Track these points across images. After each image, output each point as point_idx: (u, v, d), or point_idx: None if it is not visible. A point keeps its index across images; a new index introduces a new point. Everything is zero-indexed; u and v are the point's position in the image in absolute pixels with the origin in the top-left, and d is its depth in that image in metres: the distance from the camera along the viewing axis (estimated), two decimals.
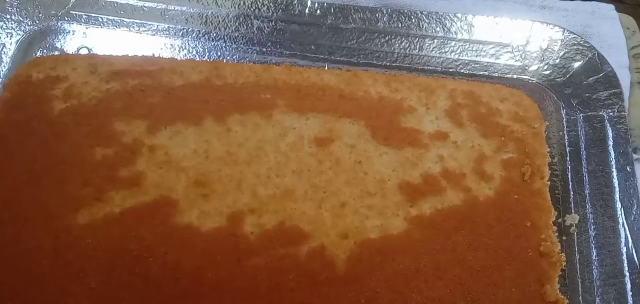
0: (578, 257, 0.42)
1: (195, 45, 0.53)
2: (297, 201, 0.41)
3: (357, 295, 0.38)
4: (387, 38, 0.52)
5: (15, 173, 0.42)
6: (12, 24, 0.53)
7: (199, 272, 0.39)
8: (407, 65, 0.51)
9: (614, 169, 0.45)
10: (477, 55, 0.51)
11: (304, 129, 0.45)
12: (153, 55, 0.51)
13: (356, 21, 0.53)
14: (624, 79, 0.49)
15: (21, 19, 0.53)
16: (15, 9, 0.53)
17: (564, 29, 0.51)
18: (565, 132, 0.47)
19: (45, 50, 0.52)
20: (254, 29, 0.53)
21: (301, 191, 0.42)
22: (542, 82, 0.50)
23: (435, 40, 0.52)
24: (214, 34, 0.53)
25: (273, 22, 0.53)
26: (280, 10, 0.53)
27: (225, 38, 0.53)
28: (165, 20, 0.53)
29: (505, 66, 0.51)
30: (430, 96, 0.47)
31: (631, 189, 0.43)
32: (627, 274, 0.40)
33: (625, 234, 0.42)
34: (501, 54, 0.51)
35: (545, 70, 0.51)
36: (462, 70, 0.51)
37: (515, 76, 0.51)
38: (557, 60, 0.51)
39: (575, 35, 0.51)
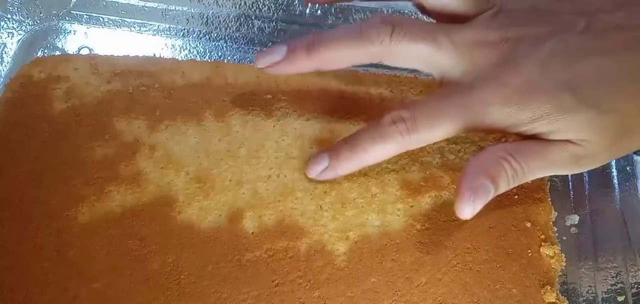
0: (578, 257, 0.42)
1: (196, 45, 0.53)
2: (298, 200, 0.42)
3: (357, 294, 0.38)
4: None
5: (16, 173, 0.43)
6: (13, 23, 0.53)
7: (199, 271, 0.39)
8: None
9: (614, 170, 0.45)
10: None
11: (305, 128, 0.45)
12: (154, 55, 0.51)
13: (357, 22, 0.53)
14: None
15: (22, 18, 0.53)
16: (16, 8, 0.53)
17: None
18: None
19: (46, 50, 0.52)
20: (255, 29, 0.53)
21: (301, 189, 0.42)
22: None
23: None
24: (215, 34, 0.53)
25: (274, 23, 0.53)
26: (281, 11, 0.54)
27: (226, 38, 0.53)
28: (166, 20, 0.53)
29: None
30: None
31: (631, 190, 0.44)
32: (628, 275, 0.40)
33: (626, 235, 0.42)
34: None
35: None
36: None
37: None
38: None
39: None
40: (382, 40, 0.37)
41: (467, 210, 0.35)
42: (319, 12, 0.53)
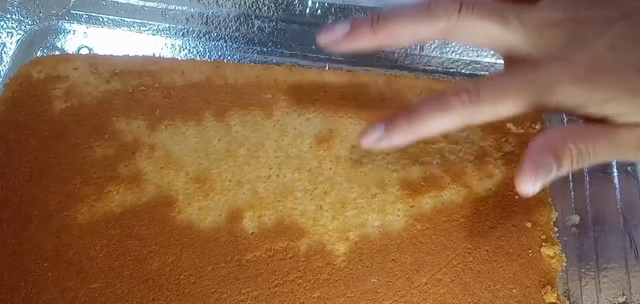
0: (579, 258, 0.42)
1: (196, 45, 0.53)
2: (297, 200, 0.42)
3: (357, 294, 0.38)
4: None
5: (15, 173, 0.43)
6: (12, 23, 0.53)
7: (199, 271, 0.39)
8: (408, 65, 0.51)
9: (614, 169, 0.45)
10: (478, 56, 0.51)
11: (305, 128, 0.45)
12: (154, 55, 0.51)
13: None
14: None
15: (22, 18, 0.53)
16: (15, 8, 0.53)
17: None
18: None
19: (45, 50, 0.52)
20: (255, 28, 0.53)
21: (301, 189, 0.42)
22: None
23: (436, 41, 0.52)
24: (215, 34, 0.53)
25: (274, 22, 0.53)
26: (281, 10, 0.53)
27: (226, 38, 0.53)
28: (165, 20, 0.53)
29: None
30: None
31: (632, 190, 0.43)
32: (629, 275, 0.40)
33: (627, 235, 0.42)
34: None
35: None
36: (463, 71, 0.51)
37: None
38: None
39: None
40: (450, 17, 0.36)
41: (527, 185, 0.34)
42: (319, 11, 0.53)
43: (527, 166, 0.34)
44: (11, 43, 0.52)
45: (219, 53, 0.52)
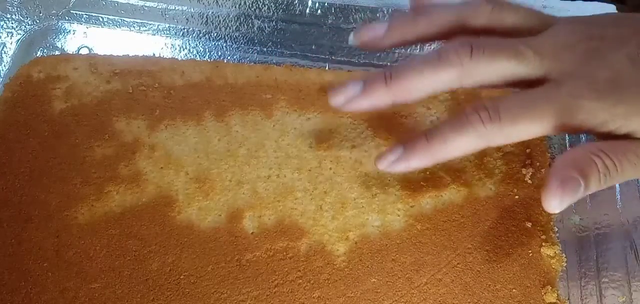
0: (579, 257, 0.42)
1: (196, 45, 0.53)
2: (298, 200, 0.42)
3: (357, 294, 0.38)
4: None
5: (15, 173, 0.43)
6: (12, 23, 0.53)
7: (199, 271, 0.39)
8: None
9: None
10: None
11: (305, 128, 0.45)
12: (154, 55, 0.51)
13: (357, 21, 0.53)
14: None
15: (22, 18, 0.53)
16: (15, 8, 0.53)
17: None
18: None
19: (45, 50, 0.52)
20: (255, 28, 0.53)
21: (301, 189, 0.42)
22: None
23: (436, 41, 0.52)
24: (215, 34, 0.53)
25: (274, 22, 0.53)
26: (281, 10, 0.53)
27: (226, 38, 0.53)
28: (165, 20, 0.53)
29: None
30: (431, 96, 0.47)
31: (632, 189, 0.43)
32: (629, 275, 0.40)
33: (627, 235, 0.42)
34: None
35: None
36: None
37: None
38: None
39: None
40: (462, 61, 0.36)
41: (554, 202, 0.33)
42: (318, 11, 0.53)
43: (553, 182, 0.33)
44: (11, 43, 0.52)
45: (219, 53, 0.52)
